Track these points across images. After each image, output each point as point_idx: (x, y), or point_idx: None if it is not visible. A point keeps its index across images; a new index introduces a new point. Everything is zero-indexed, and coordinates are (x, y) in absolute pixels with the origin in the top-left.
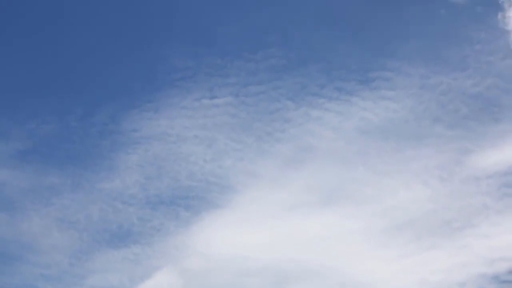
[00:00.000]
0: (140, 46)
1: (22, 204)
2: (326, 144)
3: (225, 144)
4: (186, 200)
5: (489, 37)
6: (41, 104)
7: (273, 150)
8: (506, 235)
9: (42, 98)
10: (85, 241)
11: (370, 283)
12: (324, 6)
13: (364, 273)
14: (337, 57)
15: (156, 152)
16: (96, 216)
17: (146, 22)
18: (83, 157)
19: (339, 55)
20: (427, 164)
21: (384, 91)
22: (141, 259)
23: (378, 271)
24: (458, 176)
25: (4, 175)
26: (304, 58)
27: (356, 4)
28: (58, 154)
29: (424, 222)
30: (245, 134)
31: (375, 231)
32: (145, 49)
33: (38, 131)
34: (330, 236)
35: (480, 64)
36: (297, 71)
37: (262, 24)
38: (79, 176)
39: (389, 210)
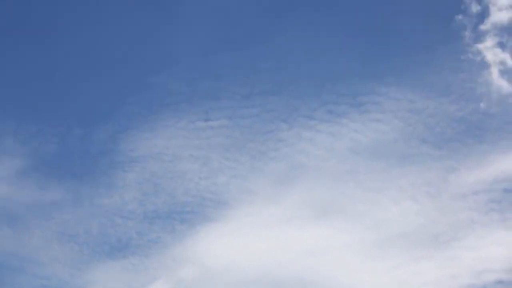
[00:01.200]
0: (137, 71)
1: (24, 218)
2: (318, 163)
3: (220, 162)
4: (182, 215)
5: (471, 67)
6: (43, 125)
7: (267, 168)
8: (493, 247)
9: (44, 119)
10: (85, 253)
11: None
12: (316, 34)
13: (356, 283)
14: (328, 82)
15: (153, 170)
16: (95, 230)
17: (144, 48)
18: (83, 174)
19: (330, 80)
20: (415, 181)
21: (374, 114)
22: (139, 269)
23: (369, 282)
24: (445, 192)
25: (8, 191)
26: (296, 83)
27: (346, 32)
28: (59, 171)
29: (414, 235)
30: (239, 153)
31: (367, 243)
32: (142, 74)
33: (40, 150)
34: (323, 248)
35: (464, 91)
36: (289, 95)
37: (255, 49)
38: (79, 192)
39: (379, 224)
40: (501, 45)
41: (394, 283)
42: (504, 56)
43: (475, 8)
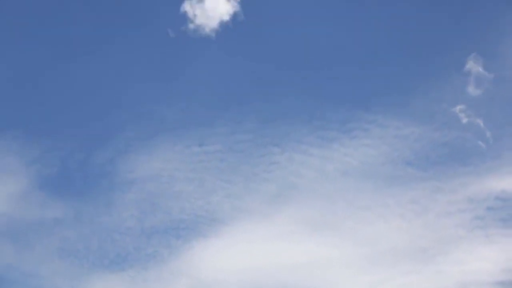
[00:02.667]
0: (135, 99)
1: (27, 234)
2: (310, 183)
3: (214, 183)
4: (177, 231)
5: (454, 97)
6: (46, 149)
7: (260, 188)
8: (477, 262)
9: (48, 144)
10: (85, 267)
11: None
12: (306, 64)
13: None
14: (318, 110)
15: (150, 190)
16: (95, 245)
17: (141, 78)
18: (83, 194)
19: (319, 108)
20: (402, 200)
21: (362, 139)
22: (137, 282)
23: None
24: (431, 210)
25: (12, 208)
26: (287, 111)
27: (334, 62)
28: (60, 191)
29: (402, 250)
30: (232, 174)
31: (357, 258)
32: (139, 102)
33: (43, 172)
34: (314, 262)
35: (447, 119)
36: (281, 122)
37: (247, 80)
38: (80, 211)
39: (369, 239)
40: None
41: None
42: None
43: None
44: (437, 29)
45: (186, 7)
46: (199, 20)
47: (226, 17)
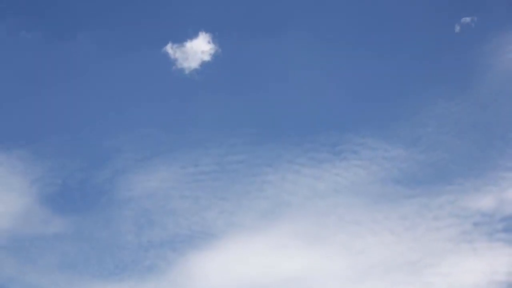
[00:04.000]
0: (132, 123)
1: (28, 249)
2: (302, 200)
3: (208, 200)
4: (173, 244)
5: (439, 122)
6: (48, 169)
7: (253, 204)
8: (464, 274)
9: (50, 164)
10: (84, 279)
11: None
12: (297, 89)
13: None
14: (309, 134)
15: (147, 207)
16: (94, 258)
17: (138, 105)
18: (83, 211)
19: (310, 132)
20: (391, 216)
21: (352, 161)
22: None
23: None
24: (419, 225)
25: (15, 224)
26: (279, 135)
27: (324, 88)
28: (61, 208)
29: (392, 262)
30: (226, 192)
31: (348, 270)
32: (137, 125)
33: (45, 190)
34: (306, 274)
35: (432, 142)
36: (273, 144)
37: (240, 103)
38: (80, 226)
39: (360, 252)
40: None
41: None
42: None
43: None
44: (424, 61)
45: (168, 49)
46: (180, 63)
47: (207, 58)
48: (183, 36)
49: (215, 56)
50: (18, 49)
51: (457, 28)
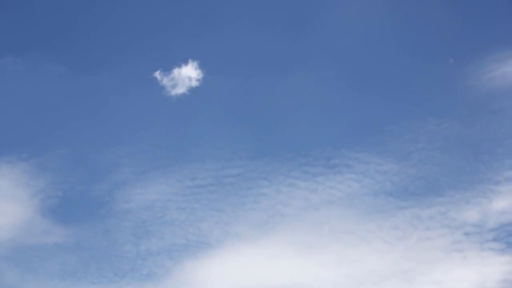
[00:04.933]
0: (131, 138)
1: (30, 258)
2: (296, 211)
3: (204, 212)
4: (170, 252)
5: (429, 138)
6: (50, 183)
7: (248, 215)
8: (456, 282)
9: (51, 178)
10: (84, 286)
11: None
12: (292, 109)
13: None
14: (303, 149)
15: (145, 219)
16: (93, 267)
17: (136, 123)
18: (83, 222)
19: (305, 147)
20: (384, 226)
21: (346, 174)
22: None
23: None
24: (411, 235)
25: (17, 234)
26: (274, 150)
27: (318, 107)
28: (61, 219)
29: (384, 271)
30: (222, 204)
31: (341, 278)
32: (135, 141)
33: (46, 202)
34: (300, 282)
35: (422, 157)
36: (269, 158)
37: (233, 119)
38: (79, 237)
39: (353, 261)
40: None
41: None
42: None
43: None
44: (412, 80)
45: (156, 75)
46: (168, 89)
47: (196, 83)
48: (171, 63)
49: (203, 82)
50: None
51: (451, 61)
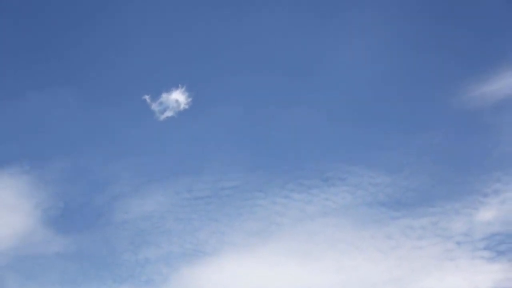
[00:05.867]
0: (129, 152)
1: (32, 267)
2: (292, 221)
3: (201, 222)
4: (168, 260)
5: (420, 151)
6: (51, 195)
7: (244, 225)
8: None
9: (52, 190)
10: None
11: None
12: (287, 123)
13: None
14: (298, 162)
15: (143, 228)
16: (93, 275)
17: (133, 135)
18: (83, 231)
19: (299, 161)
20: (377, 235)
21: (340, 187)
22: None
23: None
24: (404, 244)
25: (19, 244)
26: (269, 163)
27: (312, 121)
28: (62, 228)
29: (378, 278)
30: (219, 215)
31: (337, 285)
32: (133, 154)
33: (48, 212)
34: None
35: (414, 169)
36: (264, 171)
37: (228, 132)
38: (80, 246)
39: (347, 268)
40: None
41: None
42: None
43: None
44: (404, 97)
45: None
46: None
47: (185, 106)
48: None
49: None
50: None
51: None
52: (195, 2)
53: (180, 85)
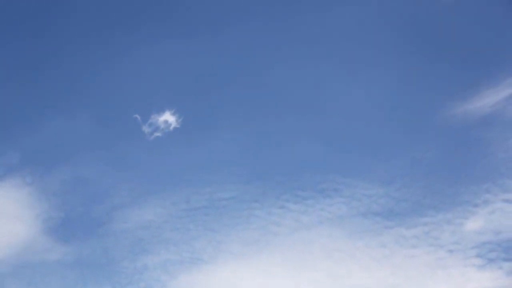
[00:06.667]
0: (127, 165)
1: (33, 274)
2: (287, 231)
3: (198, 231)
4: (165, 267)
5: (412, 164)
6: (52, 206)
7: (241, 234)
8: None
9: (54, 202)
10: None
11: None
12: (283, 138)
13: None
14: (294, 174)
15: (141, 237)
16: (93, 282)
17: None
18: (83, 240)
19: (295, 173)
20: (371, 244)
21: (335, 198)
22: None
23: None
24: (397, 253)
25: (21, 251)
26: (265, 175)
27: (307, 135)
28: (62, 237)
29: (373, 286)
30: (215, 224)
31: None
32: (131, 166)
33: (50, 222)
34: None
35: (406, 181)
36: (260, 183)
37: (224, 143)
38: (79, 254)
39: (342, 276)
40: None
41: None
42: None
43: None
44: (397, 112)
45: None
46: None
47: (176, 126)
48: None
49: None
50: None
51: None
52: (189, 30)
53: (169, 108)
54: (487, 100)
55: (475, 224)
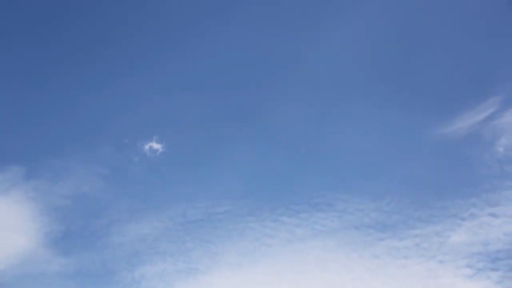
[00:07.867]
0: (126, 181)
1: (33, 285)
2: (281, 242)
3: (194, 243)
4: (162, 276)
5: (402, 180)
6: (53, 219)
7: (236, 245)
8: None
9: (55, 214)
10: None
11: None
12: (278, 158)
13: None
14: (287, 190)
15: (139, 250)
16: None
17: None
18: (82, 252)
19: (288, 189)
20: (364, 255)
21: (328, 212)
22: None
23: None
24: (390, 264)
25: (22, 263)
26: (259, 190)
27: (298, 155)
28: (62, 249)
29: None
30: (211, 236)
31: None
32: (130, 183)
33: (50, 235)
34: None
35: (396, 196)
36: (254, 197)
37: (221, 153)
38: (79, 266)
39: (335, 286)
40: None
41: None
42: None
43: None
44: (386, 130)
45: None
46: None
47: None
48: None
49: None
50: None
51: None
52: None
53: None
54: (474, 119)
55: (462, 236)
